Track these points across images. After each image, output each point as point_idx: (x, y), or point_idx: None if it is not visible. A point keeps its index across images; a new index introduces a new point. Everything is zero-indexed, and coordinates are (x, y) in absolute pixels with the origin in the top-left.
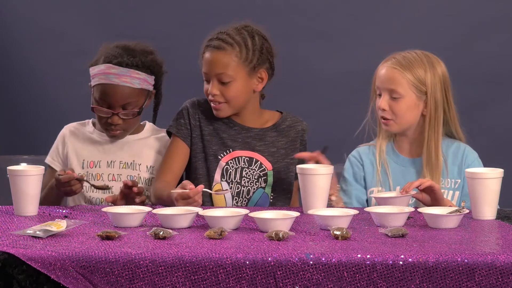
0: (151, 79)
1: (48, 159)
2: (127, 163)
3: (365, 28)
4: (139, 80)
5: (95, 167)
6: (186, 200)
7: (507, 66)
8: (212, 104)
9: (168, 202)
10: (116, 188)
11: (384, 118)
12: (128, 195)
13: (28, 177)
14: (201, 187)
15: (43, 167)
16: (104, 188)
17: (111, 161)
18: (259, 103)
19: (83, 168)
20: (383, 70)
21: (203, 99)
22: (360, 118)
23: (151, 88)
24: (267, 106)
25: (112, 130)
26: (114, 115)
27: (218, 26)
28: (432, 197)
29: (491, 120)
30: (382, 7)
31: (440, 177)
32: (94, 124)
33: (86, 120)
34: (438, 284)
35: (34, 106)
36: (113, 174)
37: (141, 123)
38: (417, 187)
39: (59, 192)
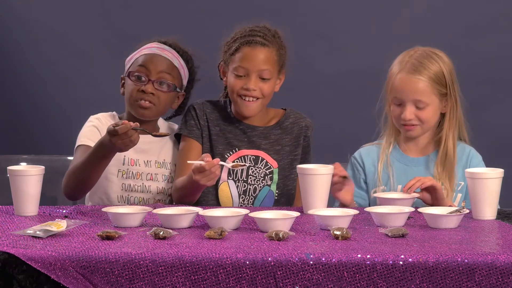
0: (187, 73)
1: (83, 140)
2: (160, 162)
3: (365, 28)
4: (178, 62)
5: (135, 165)
6: (203, 173)
7: (507, 66)
8: (243, 100)
9: (192, 185)
10: (153, 187)
11: (408, 125)
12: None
13: (28, 177)
14: (217, 160)
15: (43, 167)
16: (164, 135)
17: (148, 161)
18: None
19: (123, 164)
20: (404, 80)
21: (206, 100)
22: (360, 118)
23: (185, 82)
24: (268, 105)
25: (142, 101)
26: (149, 82)
27: (220, 27)
28: (433, 196)
29: (491, 120)
30: (382, 7)
31: (454, 176)
32: (120, 119)
33: (110, 113)
34: (438, 284)
35: (34, 106)
36: (151, 174)
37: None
38: (419, 187)
39: (113, 147)
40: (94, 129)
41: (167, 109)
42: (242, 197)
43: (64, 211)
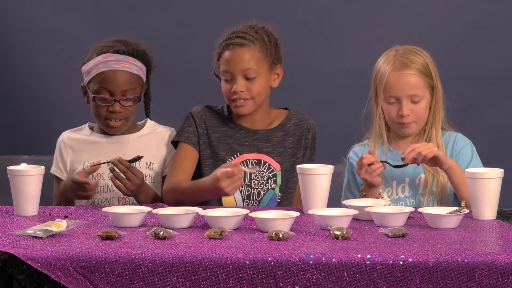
0: (144, 70)
1: (54, 169)
2: (140, 156)
3: (365, 28)
4: (136, 67)
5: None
6: (231, 178)
7: (507, 66)
8: (235, 103)
9: (204, 191)
10: (115, 187)
11: (405, 122)
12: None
13: (28, 177)
14: (240, 168)
15: (43, 167)
16: (138, 158)
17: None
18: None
19: (84, 169)
20: (396, 77)
21: (204, 107)
22: (360, 118)
23: (144, 77)
24: (271, 105)
25: (113, 121)
26: (115, 102)
27: (218, 26)
28: (438, 163)
29: (491, 120)
30: (382, 7)
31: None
32: (91, 128)
33: (82, 126)
34: (438, 284)
35: (34, 106)
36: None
37: (141, 122)
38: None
39: (72, 196)
40: (57, 156)
41: (136, 114)
42: (247, 202)
43: (64, 211)
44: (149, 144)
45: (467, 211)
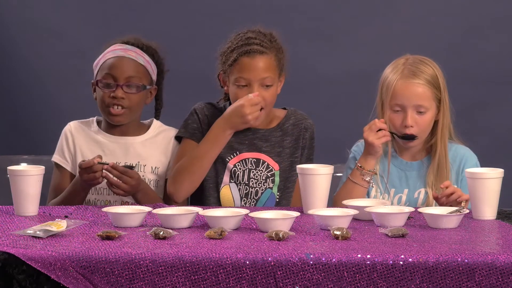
0: (154, 67)
1: (56, 158)
2: (132, 165)
3: (365, 28)
4: (143, 59)
5: None
6: (255, 105)
7: (507, 66)
8: None
9: (205, 143)
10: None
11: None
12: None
13: (28, 177)
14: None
15: (43, 167)
16: (129, 167)
17: (116, 163)
18: None
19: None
20: (403, 86)
21: (207, 103)
22: (359, 118)
23: (154, 76)
24: None
25: (114, 108)
26: (118, 88)
27: (219, 27)
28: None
29: (491, 120)
30: (382, 7)
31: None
32: (98, 123)
33: (90, 119)
34: (438, 284)
35: (34, 106)
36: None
37: (147, 121)
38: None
39: (83, 183)
40: (63, 146)
41: (141, 108)
42: (244, 200)
43: (64, 211)
44: (155, 149)
45: (467, 211)
